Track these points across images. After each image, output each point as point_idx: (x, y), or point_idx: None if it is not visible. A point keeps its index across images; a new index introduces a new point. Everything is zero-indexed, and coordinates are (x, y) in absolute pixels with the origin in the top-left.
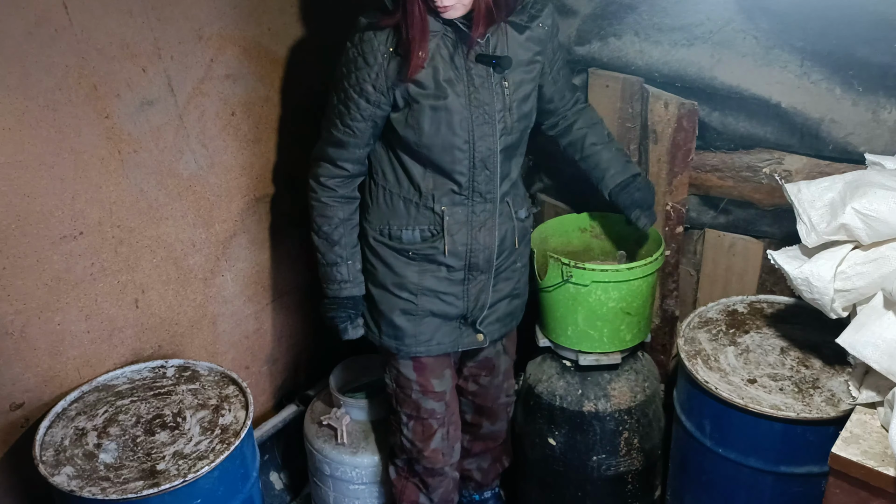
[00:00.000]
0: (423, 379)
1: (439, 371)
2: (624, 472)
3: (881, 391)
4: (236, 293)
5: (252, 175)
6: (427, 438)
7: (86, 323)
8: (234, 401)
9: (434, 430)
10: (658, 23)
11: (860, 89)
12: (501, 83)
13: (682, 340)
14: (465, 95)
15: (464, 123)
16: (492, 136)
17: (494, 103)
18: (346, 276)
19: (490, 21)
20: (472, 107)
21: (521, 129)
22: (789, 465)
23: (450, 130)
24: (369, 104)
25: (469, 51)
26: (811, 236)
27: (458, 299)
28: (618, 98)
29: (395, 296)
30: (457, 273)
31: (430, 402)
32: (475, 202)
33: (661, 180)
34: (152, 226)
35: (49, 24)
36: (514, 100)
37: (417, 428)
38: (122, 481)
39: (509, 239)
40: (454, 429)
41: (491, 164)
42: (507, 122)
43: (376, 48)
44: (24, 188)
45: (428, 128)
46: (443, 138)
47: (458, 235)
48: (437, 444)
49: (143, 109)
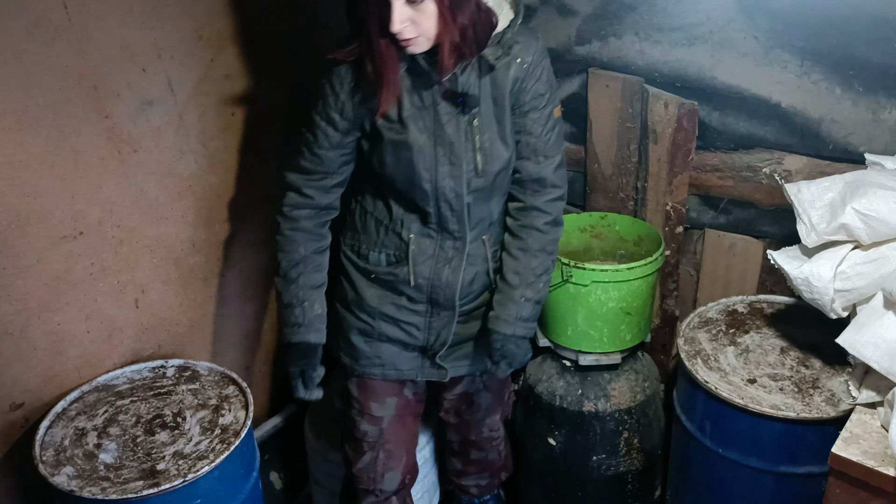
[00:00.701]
0: (363, 398)
1: (382, 396)
2: (624, 472)
3: (881, 391)
4: (236, 293)
5: (252, 175)
6: (356, 458)
7: (86, 323)
8: (234, 401)
9: (363, 451)
10: (658, 23)
11: (860, 89)
12: (471, 122)
13: (682, 340)
14: (429, 132)
15: (426, 162)
16: (458, 178)
17: (462, 143)
18: (300, 320)
19: (458, 58)
20: (436, 145)
21: (495, 171)
22: (789, 465)
23: (410, 168)
24: (337, 132)
25: (435, 86)
26: (811, 236)
27: (418, 330)
28: (618, 98)
29: (354, 315)
30: (418, 305)
31: (364, 423)
32: (444, 237)
33: (661, 180)
34: (152, 226)
35: (49, 24)
36: (485, 140)
37: (350, 444)
38: (122, 481)
39: (480, 282)
40: (387, 457)
41: (457, 206)
42: (477, 164)
43: (343, 78)
44: (24, 188)
45: (389, 161)
46: (404, 174)
47: (422, 267)
48: (363, 466)
49: (143, 109)
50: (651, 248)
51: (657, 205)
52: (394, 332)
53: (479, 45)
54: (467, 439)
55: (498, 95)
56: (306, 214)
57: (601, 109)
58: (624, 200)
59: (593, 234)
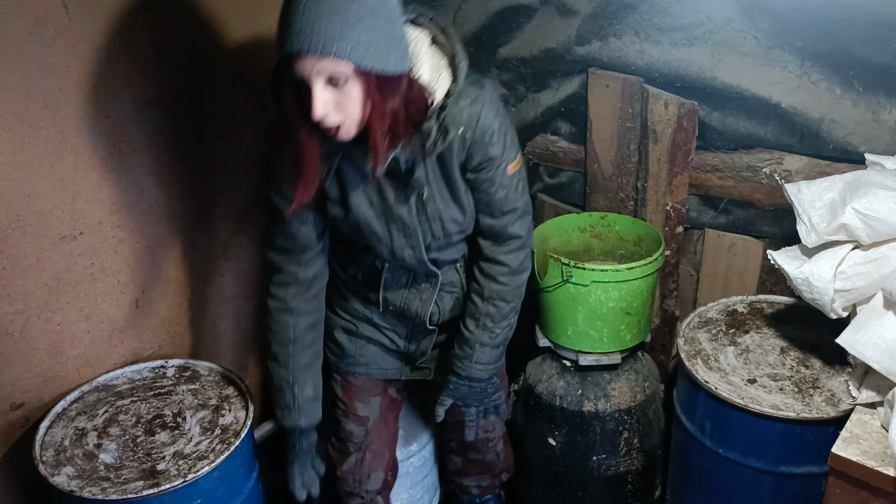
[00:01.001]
0: (347, 399)
1: (366, 396)
2: (624, 472)
3: (881, 391)
4: (237, 293)
5: (252, 175)
6: (341, 459)
7: (86, 323)
8: (234, 401)
9: (349, 452)
10: (658, 23)
11: (860, 89)
12: (420, 197)
13: (682, 340)
14: (377, 211)
15: (382, 238)
16: (417, 249)
17: (415, 218)
18: (289, 402)
19: (391, 142)
20: (388, 222)
21: (454, 232)
22: (789, 465)
23: (364, 240)
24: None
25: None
26: (811, 236)
27: (399, 338)
28: (618, 98)
29: (339, 315)
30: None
31: (350, 423)
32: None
33: (661, 180)
34: (152, 226)
35: (49, 24)
36: (438, 210)
37: (336, 446)
38: (122, 481)
39: (458, 304)
40: (372, 458)
41: (422, 268)
42: (433, 231)
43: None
44: (24, 188)
45: (345, 230)
46: (361, 241)
47: (393, 295)
48: (349, 468)
49: (143, 109)
50: (651, 248)
51: (657, 205)
52: (376, 336)
53: (415, 124)
54: (463, 443)
55: (446, 162)
56: (294, 293)
57: (601, 109)
58: (624, 200)
59: (593, 234)
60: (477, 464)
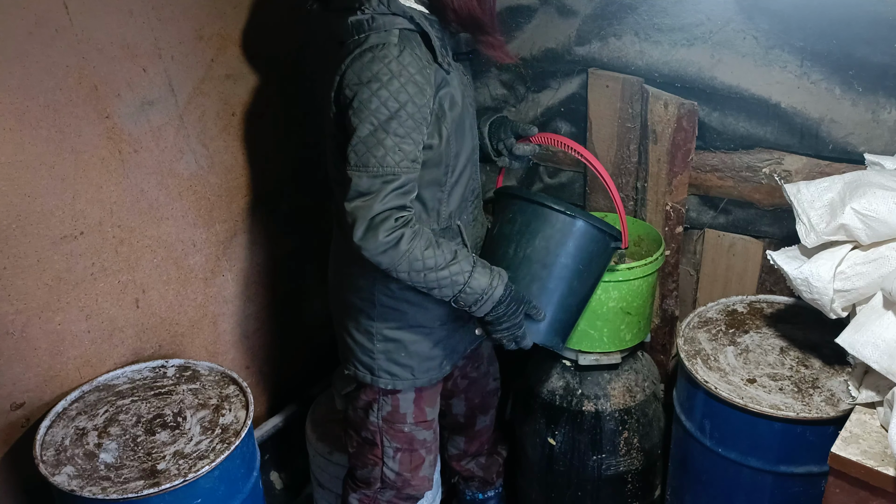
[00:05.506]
0: (418, 410)
1: (434, 398)
2: (624, 472)
3: (881, 391)
4: (237, 293)
5: (252, 175)
6: (416, 468)
7: (86, 323)
8: (234, 400)
9: (423, 459)
10: (658, 23)
11: (860, 89)
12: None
13: (682, 340)
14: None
15: (473, 130)
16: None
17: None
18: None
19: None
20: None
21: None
22: (789, 465)
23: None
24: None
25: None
26: (810, 236)
27: None
28: (618, 98)
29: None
30: None
31: (422, 432)
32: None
33: (661, 180)
34: (153, 225)
35: (49, 24)
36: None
37: (405, 459)
38: (122, 481)
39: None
40: (437, 449)
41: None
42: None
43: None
44: (24, 188)
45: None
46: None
47: (470, 239)
48: (426, 472)
49: (143, 109)
50: (651, 248)
51: (657, 205)
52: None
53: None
54: (474, 401)
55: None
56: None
57: (601, 110)
58: (624, 200)
59: None
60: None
